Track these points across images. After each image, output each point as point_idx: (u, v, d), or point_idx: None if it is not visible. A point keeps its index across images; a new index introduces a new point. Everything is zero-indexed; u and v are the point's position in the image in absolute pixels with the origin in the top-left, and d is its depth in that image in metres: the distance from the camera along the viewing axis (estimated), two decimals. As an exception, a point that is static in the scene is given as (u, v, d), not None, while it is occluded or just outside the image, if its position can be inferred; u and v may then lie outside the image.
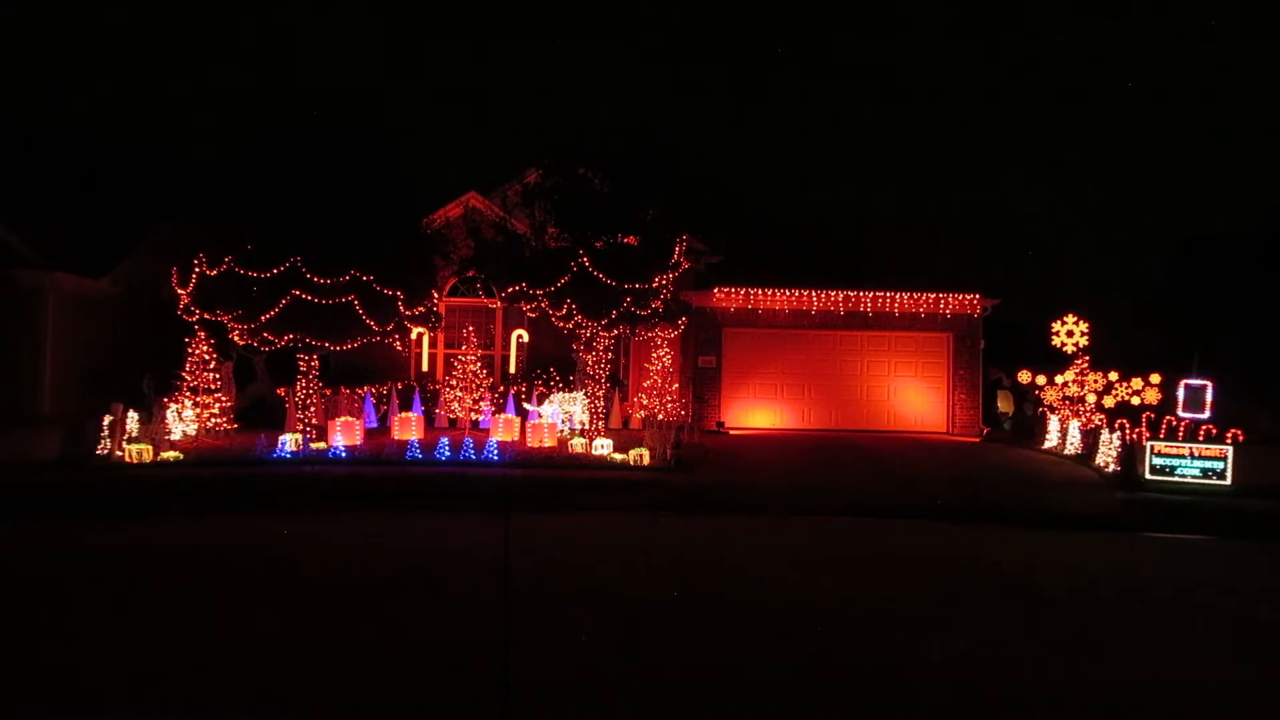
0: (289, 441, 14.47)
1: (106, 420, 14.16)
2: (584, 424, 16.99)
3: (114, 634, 6.08)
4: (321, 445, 15.05)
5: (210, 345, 16.37)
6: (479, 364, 18.17)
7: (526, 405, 17.93)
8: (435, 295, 17.36)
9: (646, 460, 14.26)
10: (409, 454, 14.22)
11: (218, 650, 5.75)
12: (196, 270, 14.82)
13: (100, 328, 20.75)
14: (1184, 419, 14.47)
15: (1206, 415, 14.21)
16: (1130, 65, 64.55)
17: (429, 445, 14.67)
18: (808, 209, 44.52)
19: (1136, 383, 17.46)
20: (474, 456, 14.03)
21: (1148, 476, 13.23)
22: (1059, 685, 5.41)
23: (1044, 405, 18.73)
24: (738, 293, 21.06)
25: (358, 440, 15.43)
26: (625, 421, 19.56)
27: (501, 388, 18.98)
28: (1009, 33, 70.54)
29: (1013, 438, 20.07)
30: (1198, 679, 5.63)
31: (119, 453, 13.89)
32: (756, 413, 21.31)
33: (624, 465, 14.04)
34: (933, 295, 20.96)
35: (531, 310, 16.54)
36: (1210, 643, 6.38)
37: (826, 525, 10.77)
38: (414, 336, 19.63)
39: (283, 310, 14.35)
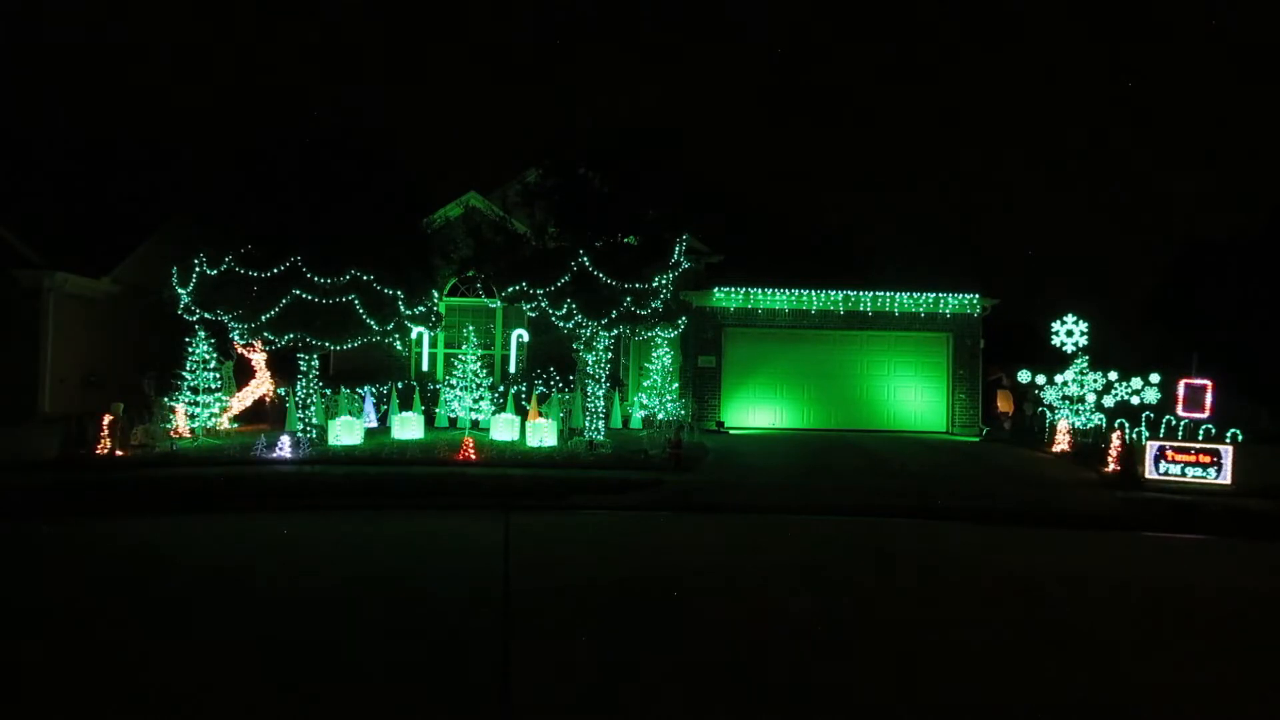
0: (289, 441, 14.47)
1: (106, 420, 14.16)
2: (584, 424, 17.00)
3: (113, 640, 6.09)
4: (321, 445, 15.05)
5: (210, 345, 16.38)
6: (479, 364, 18.17)
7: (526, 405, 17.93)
8: (435, 295, 17.37)
9: (646, 460, 14.28)
10: (408, 453, 14.23)
11: (217, 647, 5.76)
12: (196, 270, 14.82)
13: (100, 327, 20.78)
14: (1184, 419, 14.48)
15: (1206, 415, 14.21)
16: (1130, 64, 64.59)
17: (429, 445, 14.66)
18: (808, 209, 44.50)
19: (1136, 382, 17.47)
20: (474, 456, 14.04)
21: (1147, 476, 13.23)
22: (1058, 685, 5.41)
23: (1044, 405, 18.74)
24: (738, 293, 21.09)
25: (358, 440, 15.44)
26: (625, 421, 19.58)
27: (501, 387, 18.99)
28: (1010, 33, 70.58)
29: (1013, 437, 20.08)
30: (1197, 679, 5.63)
31: (119, 452, 13.90)
32: (756, 412, 21.32)
33: (623, 465, 14.04)
34: (932, 295, 20.99)
35: (531, 310, 16.54)
36: (1209, 642, 6.38)
37: (826, 525, 10.76)
38: (414, 336, 19.64)
39: (283, 310, 14.35)
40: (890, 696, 5.17)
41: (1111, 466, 14.35)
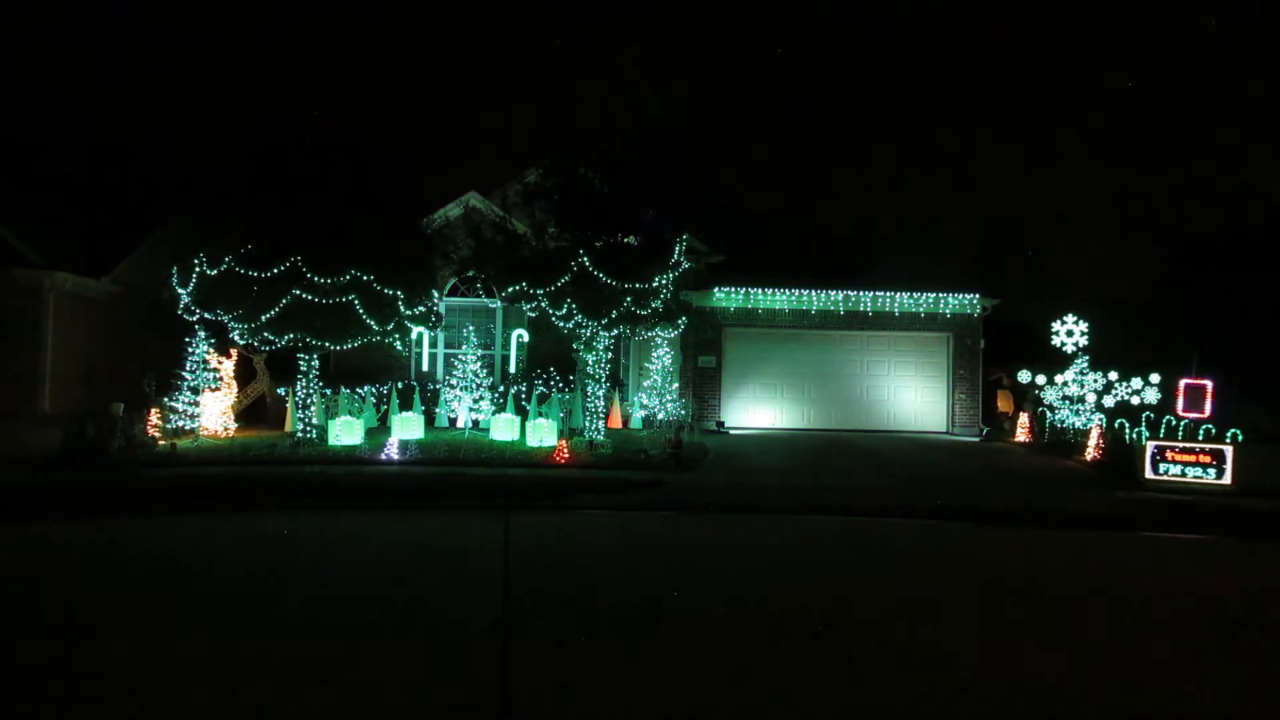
0: (289, 441, 14.47)
1: (106, 419, 14.15)
2: (584, 424, 17.00)
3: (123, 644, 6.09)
4: (321, 445, 15.05)
5: (210, 345, 16.38)
6: (479, 364, 18.16)
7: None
8: (435, 295, 17.36)
9: (646, 460, 14.28)
10: (408, 453, 14.24)
11: (212, 648, 5.75)
12: (196, 270, 14.81)
13: (100, 327, 20.80)
14: (1184, 419, 14.48)
15: (1206, 415, 14.21)
16: (1130, 64, 64.58)
17: (429, 445, 14.63)
18: (808, 209, 44.53)
19: (1136, 382, 17.48)
20: (473, 456, 14.04)
21: (1147, 476, 13.24)
22: (1056, 685, 5.41)
23: (1044, 405, 18.75)
24: (738, 293, 21.08)
25: (358, 440, 15.44)
26: (625, 421, 19.57)
27: (501, 387, 18.99)
28: (1010, 32, 70.60)
29: (1013, 438, 20.07)
30: (1197, 678, 5.63)
31: (120, 451, 13.89)
32: (756, 412, 21.31)
33: (623, 465, 14.04)
34: (932, 295, 20.98)
35: (531, 310, 16.54)
36: (1209, 642, 6.38)
37: (827, 525, 10.76)
38: (414, 336, 19.61)
39: (283, 310, 14.34)
40: (897, 695, 5.17)
41: (1112, 467, 14.39)
